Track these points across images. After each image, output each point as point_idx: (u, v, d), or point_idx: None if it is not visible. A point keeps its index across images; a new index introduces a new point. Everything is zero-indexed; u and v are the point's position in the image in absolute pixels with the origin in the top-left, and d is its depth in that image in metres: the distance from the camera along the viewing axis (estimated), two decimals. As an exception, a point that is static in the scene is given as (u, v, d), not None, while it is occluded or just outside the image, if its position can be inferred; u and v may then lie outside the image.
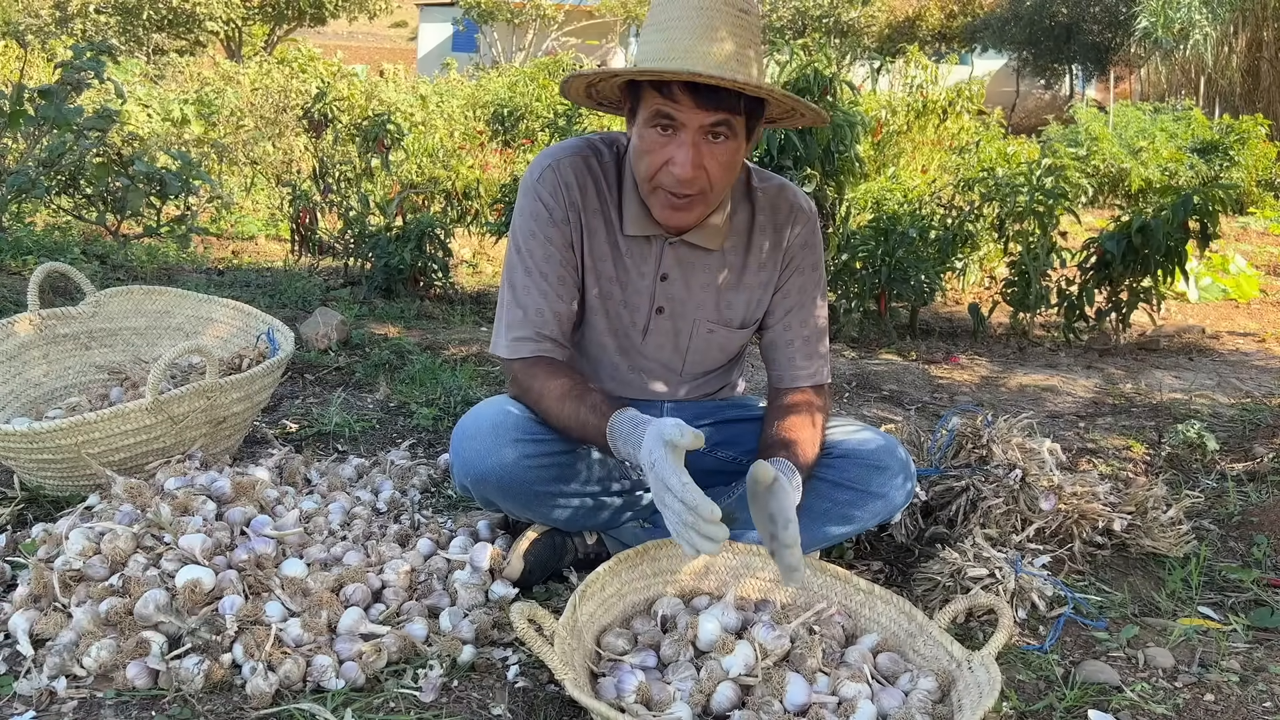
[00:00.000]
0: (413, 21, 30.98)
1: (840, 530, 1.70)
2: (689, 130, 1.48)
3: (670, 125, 1.49)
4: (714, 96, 1.45)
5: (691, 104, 1.46)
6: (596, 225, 1.67)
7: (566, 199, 1.65)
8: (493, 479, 1.61)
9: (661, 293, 1.71)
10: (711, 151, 1.50)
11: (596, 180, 1.67)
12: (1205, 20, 12.99)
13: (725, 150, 1.51)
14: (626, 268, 1.70)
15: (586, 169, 1.67)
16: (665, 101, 1.47)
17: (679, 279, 1.71)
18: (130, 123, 7.32)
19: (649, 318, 1.73)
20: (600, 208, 1.67)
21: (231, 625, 1.43)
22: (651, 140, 1.51)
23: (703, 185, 1.53)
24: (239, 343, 2.44)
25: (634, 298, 1.72)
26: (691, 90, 1.45)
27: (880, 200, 5.17)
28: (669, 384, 1.83)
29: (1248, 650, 1.65)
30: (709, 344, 1.78)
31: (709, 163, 1.51)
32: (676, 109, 1.47)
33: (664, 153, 1.51)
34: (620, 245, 1.69)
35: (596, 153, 1.68)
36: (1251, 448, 2.77)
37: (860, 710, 1.33)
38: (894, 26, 22.81)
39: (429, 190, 6.22)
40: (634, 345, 1.76)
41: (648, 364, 1.79)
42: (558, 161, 1.66)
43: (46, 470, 1.96)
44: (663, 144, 1.51)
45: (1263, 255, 7.21)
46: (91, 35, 18.39)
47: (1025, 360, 4.12)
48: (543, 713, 1.40)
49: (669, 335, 1.75)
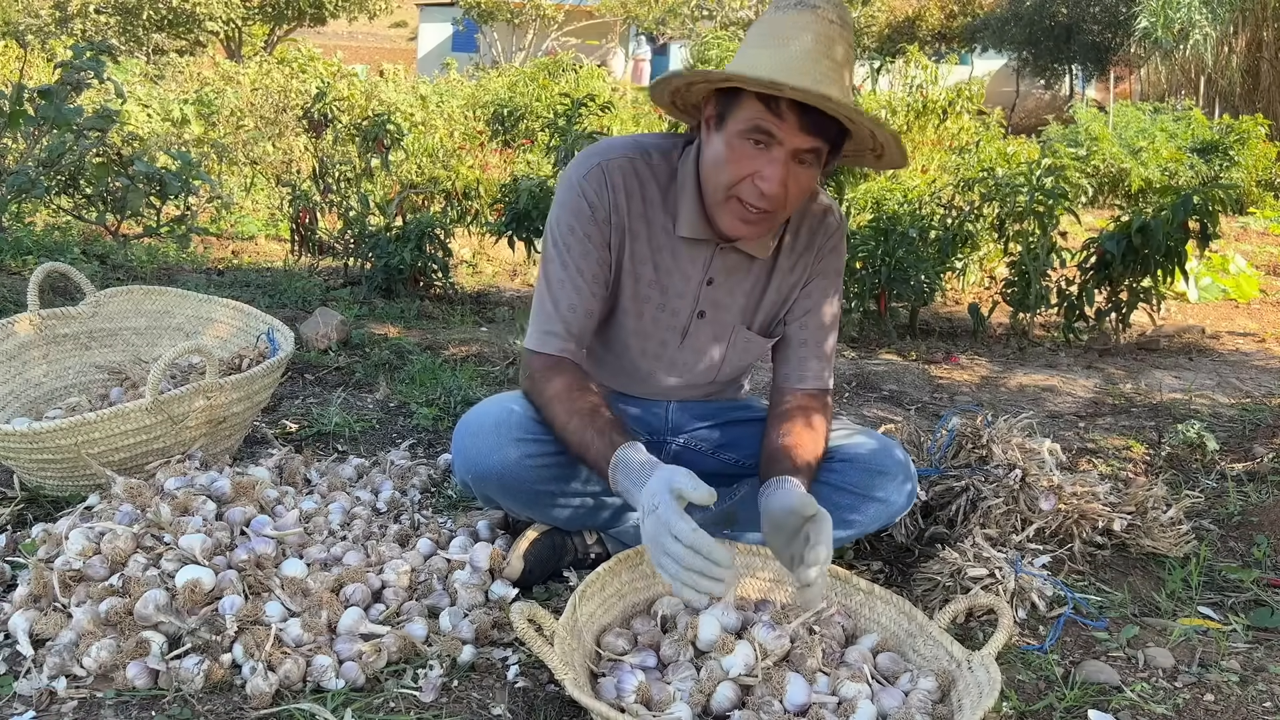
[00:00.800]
0: (413, 21, 30.99)
1: (842, 534, 1.70)
2: (784, 149, 1.46)
3: (768, 141, 1.46)
4: (819, 121, 1.44)
5: (796, 125, 1.44)
6: (640, 229, 1.66)
7: (611, 200, 1.63)
8: (494, 477, 1.61)
9: (706, 297, 1.70)
10: (796, 174, 1.49)
11: (644, 183, 1.65)
12: (1205, 20, 12.98)
13: (808, 176, 1.51)
14: (671, 270, 1.68)
15: (634, 171, 1.64)
16: (769, 116, 1.44)
17: (723, 284, 1.70)
18: (130, 123, 7.32)
19: (690, 320, 1.72)
20: (646, 211, 1.65)
21: (231, 625, 1.43)
22: (741, 151, 1.48)
23: (780, 204, 1.52)
24: (239, 343, 2.44)
25: (676, 301, 1.70)
26: (800, 110, 1.43)
27: (880, 200, 5.18)
28: (691, 387, 1.82)
29: (1248, 650, 1.65)
30: (745, 350, 1.78)
31: (791, 184, 1.50)
32: (779, 126, 1.44)
33: (751, 165, 1.48)
34: (669, 247, 1.67)
35: (645, 154, 1.66)
36: (1251, 448, 2.77)
37: (860, 710, 1.33)
38: (894, 26, 22.82)
39: (429, 190, 6.23)
40: (667, 349, 1.75)
41: (682, 368, 1.77)
42: (607, 160, 1.64)
43: (46, 470, 1.96)
44: (752, 157, 1.48)
45: (1263, 255, 7.21)
46: (91, 35, 18.39)
47: (1025, 360, 4.12)
48: (543, 713, 1.40)
49: (707, 340, 1.75)
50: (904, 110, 7.70)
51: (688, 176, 1.62)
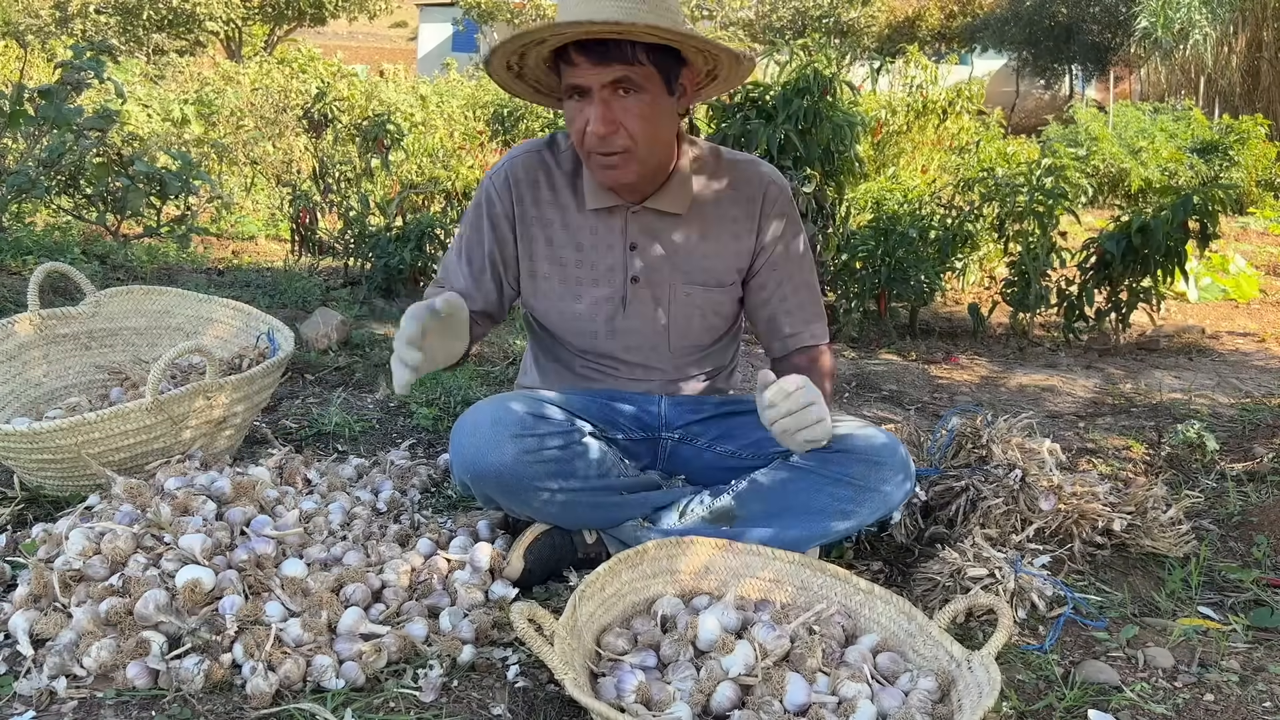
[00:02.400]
0: (413, 21, 30.99)
1: (841, 526, 1.71)
2: (595, 90, 1.54)
3: (581, 91, 1.56)
4: (605, 53, 1.51)
5: (588, 63, 1.52)
6: (552, 215, 1.76)
7: (514, 194, 1.75)
8: (492, 475, 1.61)
9: (634, 263, 1.76)
10: (624, 107, 1.56)
11: (549, 171, 1.76)
12: (1205, 20, 12.98)
13: (637, 104, 1.56)
14: (595, 245, 1.76)
15: (540, 164, 1.76)
16: (569, 69, 1.55)
17: (648, 247, 1.76)
18: (130, 123, 7.32)
19: (625, 288, 1.77)
20: (555, 197, 1.76)
21: (231, 625, 1.43)
22: (571, 111, 1.59)
23: (625, 142, 1.58)
24: (239, 343, 2.44)
25: (606, 273, 1.77)
26: (584, 50, 1.51)
27: (880, 200, 5.17)
28: (661, 364, 1.85)
29: (1248, 650, 1.65)
30: (690, 308, 1.81)
31: (624, 118, 1.56)
32: (577, 73, 1.54)
33: (581, 119, 1.57)
34: (586, 225, 1.75)
35: (553, 145, 1.78)
36: (1251, 448, 2.77)
37: (860, 710, 1.33)
38: (894, 26, 22.82)
39: (429, 190, 6.22)
40: (616, 322, 1.80)
41: (634, 338, 1.81)
42: (512, 160, 1.77)
43: (46, 470, 1.96)
44: (580, 111, 1.57)
45: (1263, 255, 7.21)
46: (91, 35, 18.39)
47: (1025, 360, 4.12)
48: (543, 713, 1.40)
49: (648, 304, 1.79)
50: (904, 110, 7.68)
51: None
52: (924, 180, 6.60)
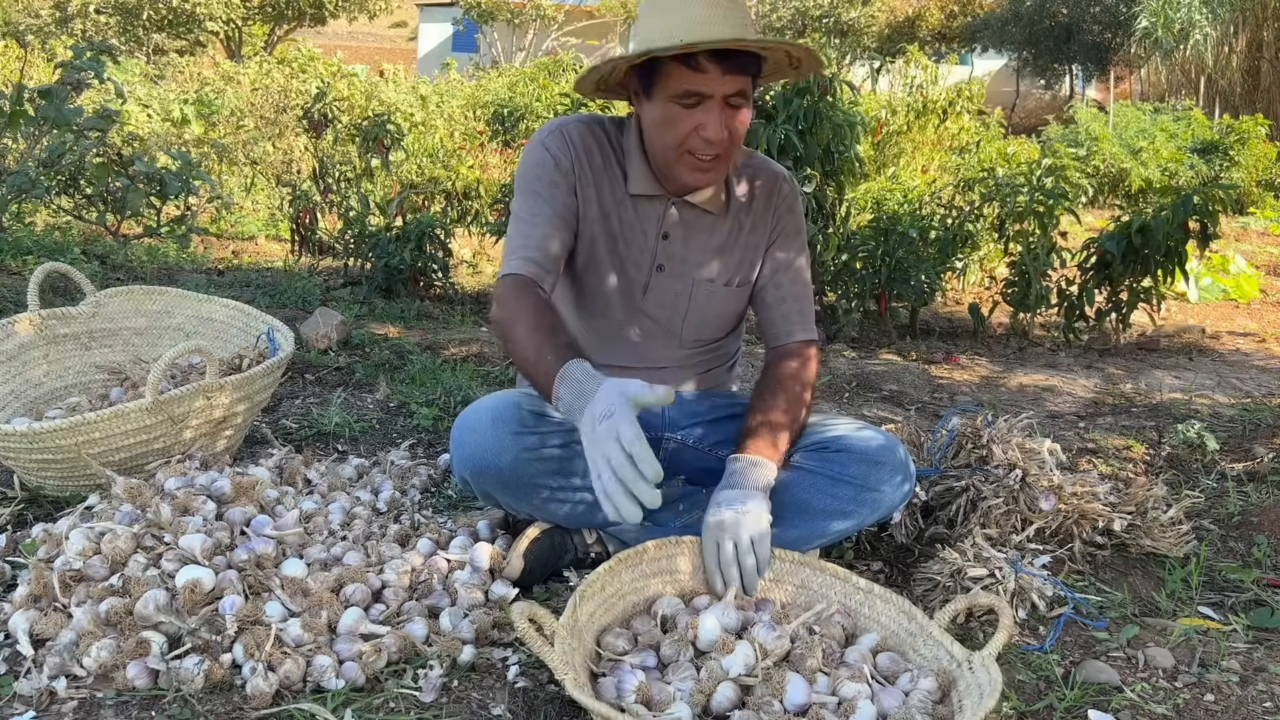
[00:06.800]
0: (413, 21, 30.98)
1: (840, 525, 1.71)
2: (716, 99, 1.59)
3: (697, 97, 1.60)
4: (737, 63, 1.58)
5: (719, 73, 1.57)
6: (603, 182, 1.78)
7: (573, 154, 1.76)
8: (492, 472, 1.62)
9: (663, 251, 1.80)
10: (733, 115, 1.63)
11: (601, 144, 1.79)
12: (1205, 20, 12.99)
13: (744, 114, 1.65)
14: (631, 225, 1.79)
15: (590, 134, 1.79)
16: (692, 74, 1.58)
17: (679, 238, 1.80)
18: (130, 123, 7.33)
19: (649, 274, 1.81)
20: (606, 169, 1.78)
21: (231, 625, 1.43)
22: (678, 113, 1.62)
23: (727, 146, 1.65)
24: (239, 343, 2.44)
25: (637, 254, 1.81)
26: (717, 59, 1.56)
27: (880, 200, 5.18)
28: (669, 348, 1.87)
29: (1248, 650, 1.65)
30: (708, 304, 1.85)
31: (731, 125, 1.63)
32: (704, 80, 1.58)
33: (691, 122, 1.62)
34: (624, 205, 1.79)
35: (598, 123, 1.81)
36: (1251, 448, 2.77)
37: (860, 710, 1.33)
38: (894, 26, 22.82)
39: (429, 190, 6.22)
40: (635, 302, 1.83)
41: (648, 323, 1.85)
42: (564, 125, 1.79)
43: (46, 470, 1.96)
44: (690, 115, 1.61)
45: (1263, 255, 7.21)
46: (91, 35, 18.41)
47: (1025, 360, 4.12)
48: (543, 713, 1.40)
49: (669, 294, 1.83)
50: (904, 110, 7.69)
51: (632, 141, 1.77)
52: (924, 180, 6.60)
